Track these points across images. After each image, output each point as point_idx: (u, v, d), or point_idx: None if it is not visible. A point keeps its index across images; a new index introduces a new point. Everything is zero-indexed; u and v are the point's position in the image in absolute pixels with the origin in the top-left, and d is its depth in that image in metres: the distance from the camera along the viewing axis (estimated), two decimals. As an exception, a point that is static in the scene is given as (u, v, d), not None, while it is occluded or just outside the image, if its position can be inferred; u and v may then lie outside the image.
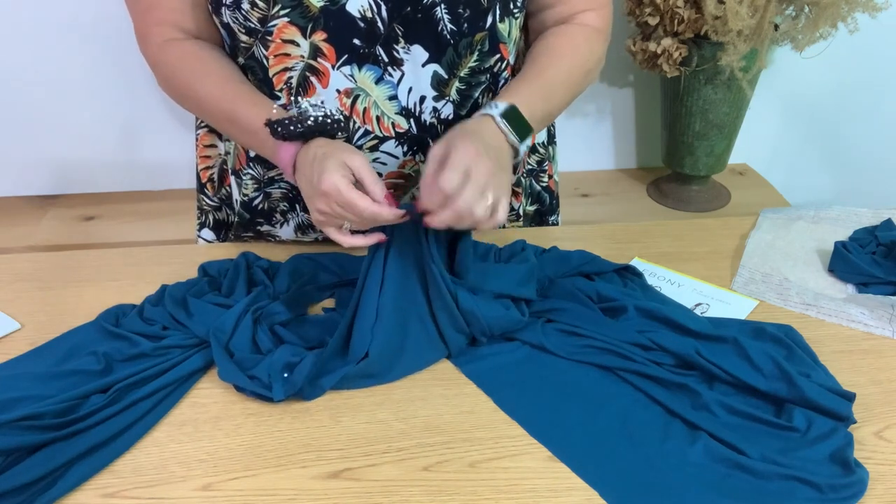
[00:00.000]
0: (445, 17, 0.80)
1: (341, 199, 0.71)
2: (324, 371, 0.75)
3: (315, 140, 0.76)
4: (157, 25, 0.85)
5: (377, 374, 0.76)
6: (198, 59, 0.85)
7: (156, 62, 0.87)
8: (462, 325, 0.79)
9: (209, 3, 0.81)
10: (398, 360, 0.77)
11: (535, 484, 0.66)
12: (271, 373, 0.74)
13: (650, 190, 1.56)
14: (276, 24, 0.79)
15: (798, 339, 0.80)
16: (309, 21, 0.79)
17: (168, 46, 0.85)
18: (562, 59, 0.88)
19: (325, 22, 0.79)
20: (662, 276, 0.94)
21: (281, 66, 0.82)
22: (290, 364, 0.75)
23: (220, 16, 0.81)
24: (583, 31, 0.90)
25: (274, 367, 0.74)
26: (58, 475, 0.65)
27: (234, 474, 0.67)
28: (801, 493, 0.63)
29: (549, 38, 0.90)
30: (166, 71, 0.87)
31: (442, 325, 0.78)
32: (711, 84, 1.32)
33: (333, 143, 0.76)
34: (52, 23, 1.32)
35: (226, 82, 0.84)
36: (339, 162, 0.72)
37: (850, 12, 1.20)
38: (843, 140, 1.67)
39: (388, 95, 0.85)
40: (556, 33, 0.90)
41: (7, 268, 0.96)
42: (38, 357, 0.79)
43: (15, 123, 1.42)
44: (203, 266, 0.92)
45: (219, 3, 0.80)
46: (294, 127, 0.75)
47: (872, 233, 0.99)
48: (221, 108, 0.84)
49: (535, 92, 0.84)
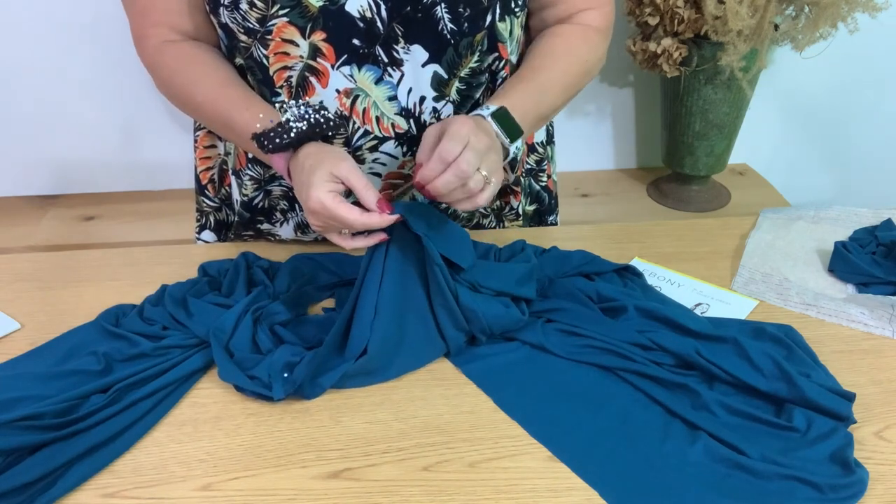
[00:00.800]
0: (446, 16, 0.80)
1: (329, 215, 0.71)
2: (323, 369, 0.75)
3: (304, 148, 0.76)
4: (154, 27, 0.84)
5: (376, 371, 0.76)
6: (195, 61, 0.85)
7: (153, 64, 0.87)
8: (462, 323, 0.79)
9: (207, 3, 0.81)
10: (396, 356, 0.77)
11: (535, 484, 0.66)
12: (271, 372, 0.74)
13: (650, 190, 1.56)
14: (275, 24, 0.79)
15: (798, 339, 0.80)
16: (308, 21, 0.79)
17: (165, 48, 0.85)
18: (557, 60, 0.88)
19: (325, 22, 0.79)
20: (662, 276, 0.94)
21: (280, 65, 0.82)
22: (290, 364, 0.75)
23: (218, 16, 0.81)
24: (581, 31, 0.91)
25: (274, 367, 0.74)
26: (58, 475, 0.65)
27: (234, 474, 0.67)
28: (801, 493, 0.63)
29: (546, 38, 0.90)
30: (164, 74, 0.86)
31: (441, 322, 0.78)
32: (711, 84, 1.32)
33: (322, 152, 0.75)
34: (52, 23, 1.32)
35: (222, 86, 0.83)
36: (326, 174, 0.72)
37: (850, 12, 1.20)
38: (843, 140, 1.67)
39: (387, 96, 0.85)
40: (553, 33, 0.90)
41: (7, 268, 0.96)
42: (38, 357, 0.79)
43: (15, 123, 1.42)
44: (203, 266, 0.92)
45: (217, 3, 0.79)
46: (280, 139, 0.75)
47: (872, 233, 0.99)
48: (218, 113, 0.83)
49: (528, 94, 0.84)
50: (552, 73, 0.87)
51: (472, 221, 1.06)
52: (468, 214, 1.02)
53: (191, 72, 0.84)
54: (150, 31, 0.85)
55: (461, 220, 1.03)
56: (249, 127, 0.78)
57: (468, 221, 1.05)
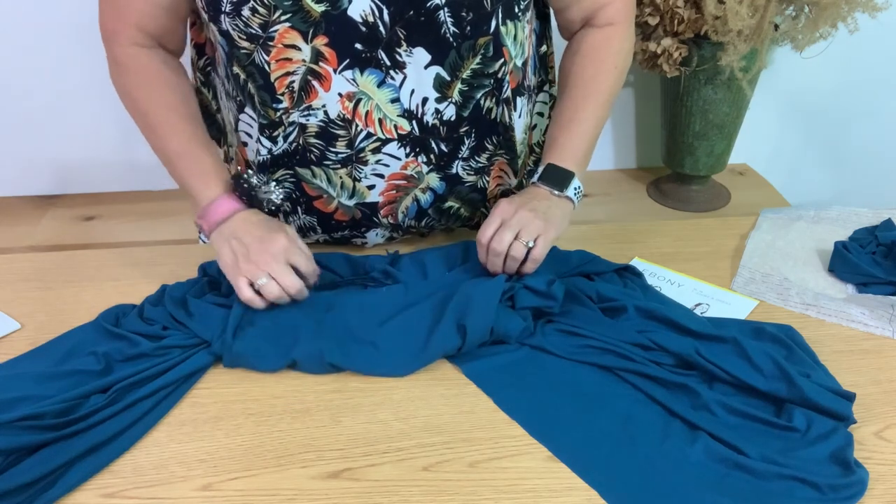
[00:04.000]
0: (448, 20, 0.80)
1: (291, 254, 0.83)
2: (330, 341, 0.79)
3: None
4: (127, 26, 0.85)
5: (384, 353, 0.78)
6: (164, 81, 0.87)
7: (120, 63, 0.87)
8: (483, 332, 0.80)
9: (206, 12, 0.81)
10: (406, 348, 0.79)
11: (535, 484, 0.66)
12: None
13: (650, 190, 1.56)
14: (278, 30, 0.79)
15: (798, 339, 0.80)
16: (310, 26, 0.79)
17: (136, 53, 0.86)
18: (592, 84, 0.92)
19: (327, 27, 0.79)
20: (662, 276, 0.94)
21: (282, 71, 0.82)
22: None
23: (218, 24, 0.80)
24: (606, 37, 0.92)
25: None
26: (58, 475, 0.65)
27: (234, 474, 0.67)
28: (800, 493, 0.63)
29: (577, 58, 0.93)
30: (130, 78, 0.87)
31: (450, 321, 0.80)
32: (711, 84, 1.32)
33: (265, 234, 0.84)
34: (52, 23, 1.32)
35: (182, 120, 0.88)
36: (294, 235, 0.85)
37: (850, 12, 1.20)
38: (843, 140, 1.67)
39: (390, 99, 0.84)
40: (582, 50, 0.93)
41: (7, 268, 0.96)
42: (38, 357, 0.79)
43: (15, 123, 1.42)
44: (203, 266, 0.92)
45: (217, 11, 0.79)
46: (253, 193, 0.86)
47: (872, 233, 0.99)
48: (172, 148, 0.88)
49: (573, 135, 0.91)
50: (591, 100, 0.91)
51: (474, 221, 1.06)
52: (469, 214, 1.02)
53: (155, 87, 0.87)
54: (122, 29, 0.85)
55: (462, 221, 1.03)
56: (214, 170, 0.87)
57: (469, 221, 1.05)
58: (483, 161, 0.95)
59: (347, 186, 0.92)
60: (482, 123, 0.91)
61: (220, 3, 0.78)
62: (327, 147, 0.88)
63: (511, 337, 0.80)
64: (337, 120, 0.85)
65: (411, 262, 0.92)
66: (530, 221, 0.83)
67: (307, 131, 0.87)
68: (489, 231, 0.84)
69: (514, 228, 0.83)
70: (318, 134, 0.87)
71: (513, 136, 0.94)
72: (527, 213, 0.84)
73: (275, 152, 0.89)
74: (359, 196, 0.93)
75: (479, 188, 0.98)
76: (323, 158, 0.89)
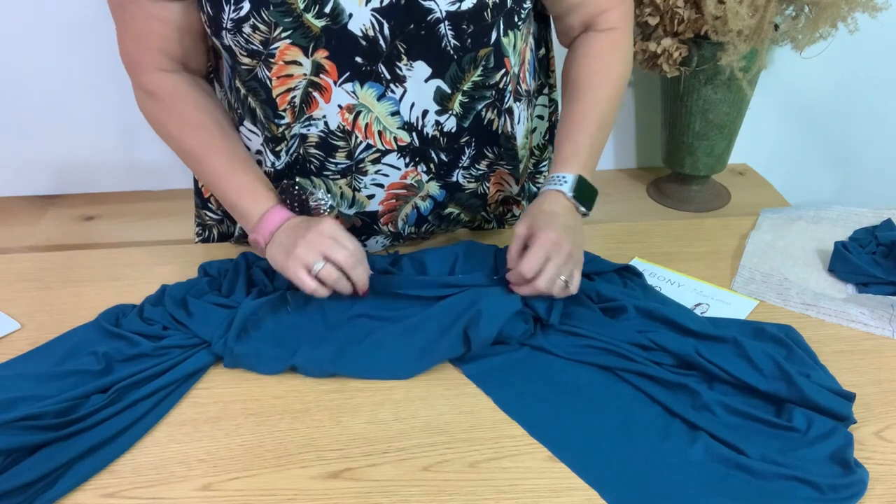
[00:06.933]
0: (449, 33, 0.79)
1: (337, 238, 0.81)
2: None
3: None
4: (148, 53, 0.84)
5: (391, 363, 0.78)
6: (193, 103, 0.86)
7: (148, 89, 0.86)
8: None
9: (208, 27, 0.80)
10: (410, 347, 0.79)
11: (535, 484, 0.66)
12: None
13: (650, 190, 1.56)
14: (279, 46, 0.78)
15: (798, 340, 0.80)
16: (311, 41, 0.78)
17: (162, 79, 0.85)
18: (598, 91, 0.90)
19: (327, 41, 0.78)
20: (662, 276, 0.94)
21: (284, 88, 0.82)
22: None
23: (220, 38, 0.80)
24: (608, 42, 0.91)
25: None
26: (58, 475, 0.65)
27: (234, 474, 0.67)
28: (801, 493, 0.63)
29: (586, 63, 0.91)
30: (159, 104, 0.87)
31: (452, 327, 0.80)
32: (711, 84, 1.32)
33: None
34: (52, 23, 1.32)
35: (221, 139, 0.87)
36: None
37: (850, 12, 1.20)
38: (842, 140, 1.67)
39: (390, 112, 0.84)
40: (590, 55, 0.91)
41: (7, 268, 0.96)
42: (38, 357, 0.79)
43: (15, 123, 1.42)
44: (203, 266, 0.92)
45: (219, 27, 0.79)
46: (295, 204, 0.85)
47: (872, 233, 0.99)
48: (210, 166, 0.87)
49: (591, 143, 0.89)
50: (600, 108, 0.90)
51: (474, 223, 1.06)
52: (469, 218, 1.02)
53: (185, 113, 0.86)
54: (145, 57, 0.84)
55: (462, 223, 1.03)
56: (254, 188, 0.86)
57: (470, 223, 1.05)
58: (483, 168, 0.95)
59: (347, 196, 0.92)
60: (483, 134, 0.90)
61: (221, 19, 0.78)
62: (327, 158, 0.88)
63: (512, 338, 0.80)
64: (337, 131, 0.85)
65: (411, 262, 0.92)
66: (570, 256, 0.81)
67: (307, 141, 0.86)
68: (534, 265, 0.79)
69: (559, 268, 0.80)
70: (318, 145, 0.87)
71: (514, 146, 0.94)
72: (567, 247, 0.81)
73: (278, 167, 0.89)
74: (358, 205, 0.93)
75: (479, 194, 0.98)
76: (322, 169, 0.89)
